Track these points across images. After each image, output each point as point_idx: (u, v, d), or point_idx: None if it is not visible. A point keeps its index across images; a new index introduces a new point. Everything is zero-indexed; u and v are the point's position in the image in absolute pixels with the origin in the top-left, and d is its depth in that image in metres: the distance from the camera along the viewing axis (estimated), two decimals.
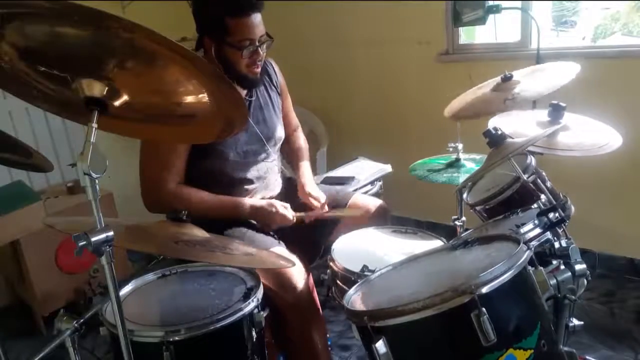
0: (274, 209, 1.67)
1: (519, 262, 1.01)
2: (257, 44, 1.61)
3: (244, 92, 1.76)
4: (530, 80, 1.76)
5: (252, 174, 1.78)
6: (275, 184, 1.89)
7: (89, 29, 0.86)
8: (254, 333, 1.28)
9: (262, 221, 1.72)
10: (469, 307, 0.94)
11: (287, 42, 2.15)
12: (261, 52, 1.64)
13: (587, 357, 1.81)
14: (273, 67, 1.90)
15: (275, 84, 1.89)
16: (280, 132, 1.87)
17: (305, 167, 1.97)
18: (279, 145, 1.89)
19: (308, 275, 1.60)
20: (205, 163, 1.69)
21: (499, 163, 1.37)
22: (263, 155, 1.80)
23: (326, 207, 1.81)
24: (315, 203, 1.80)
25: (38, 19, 0.85)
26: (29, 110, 2.76)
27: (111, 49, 0.90)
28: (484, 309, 0.93)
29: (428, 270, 1.27)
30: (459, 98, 1.91)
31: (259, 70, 1.68)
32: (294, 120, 2.07)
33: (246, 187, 1.77)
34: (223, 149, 1.68)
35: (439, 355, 1.01)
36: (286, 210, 1.69)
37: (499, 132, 1.41)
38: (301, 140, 2.07)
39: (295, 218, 1.71)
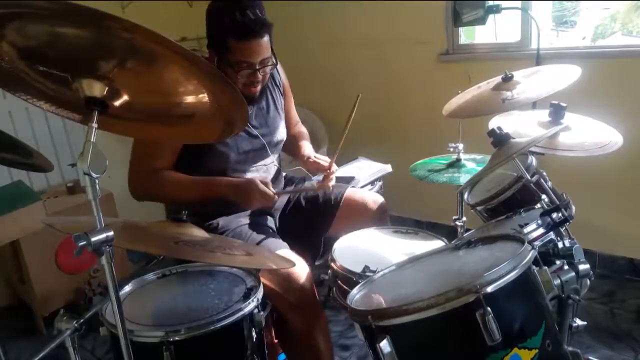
0: (253, 186, 1.59)
1: (523, 262, 1.00)
2: (256, 67, 1.60)
3: None
4: (530, 83, 1.76)
5: (252, 174, 1.77)
6: (276, 185, 1.89)
7: (89, 29, 0.86)
8: (254, 333, 1.28)
9: (241, 200, 1.64)
10: (474, 306, 0.93)
11: (287, 42, 2.15)
12: (259, 76, 1.63)
13: (588, 357, 1.81)
14: (277, 68, 1.89)
15: (278, 84, 1.88)
16: (282, 134, 1.87)
17: (305, 144, 1.97)
18: (280, 146, 1.89)
19: (310, 275, 1.59)
20: (207, 163, 1.68)
21: (504, 162, 1.37)
22: (264, 157, 1.80)
23: (335, 167, 1.80)
24: (323, 163, 1.80)
25: (38, 19, 0.85)
26: (29, 110, 2.75)
27: (111, 49, 0.90)
28: (489, 308, 0.93)
29: (432, 270, 1.26)
30: (458, 97, 1.91)
31: (256, 91, 1.68)
32: (295, 117, 2.07)
33: None
34: (224, 150, 1.68)
35: (443, 355, 1.01)
36: (266, 187, 1.60)
37: (503, 132, 1.41)
38: (301, 128, 2.08)
39: (276, 195, 1.63)
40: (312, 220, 1.87)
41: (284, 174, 2.00)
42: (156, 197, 1.72)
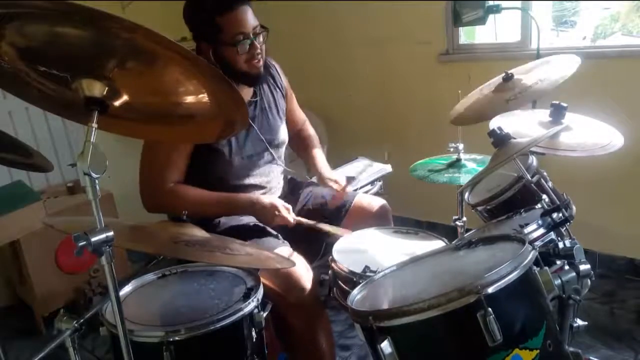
0: (276, 212, 1.65)
1: (524, 262, 1.00)
2: (251, 36, 1.60)
3: (249, 94, 1.76)
4: (531, 76, 1.76)
5: (255, 178, 1.78)
6: (278, 187, 1.89)
7: (89, 29, 0.86)
8: (254, 333, 1.28)
9: (261, 219, 1.71)
10: (475, 307, 0.93)
11: (287, 42, 2.15)
12: (257, 45, 1.63)
13: (589, 357, 1.81)
14: (277, 69, 1.89)
15: (279, 86, 1.88)
16: (283, 136, 1.87)
17: (318, 153, 1.98)
18: (282, 148, 1.89)
19: (311, 274, 1.59)
20: (211, 169, 1.69)
21: (504, 163, 1.37)
22: (267, 159, 1.80)
23: (348, 188, 1.84)
24: (336, 186, 1.83)
25: (38, 19, 0.85)
26: (29, 110, 2.75)
27: (111, 49, 0.90)
28: (490, 309, 0.93)
29: (432, 271, 1.26)
30: (462, 102, 1.91)
31: (260, 64, 1.67)
32: (301, 116, 2.07)
33: (250, 191, 1.77)
34: (229, 156, 1.68)
35: (444, 356, 1.01)
36: (288, 213, 1.66)
37: (504, 132, 1.41)
38: (310, 130, 2.08)
39: (295, 222, 1.69)
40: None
41: (289, 176, 2.00)
42: (173, 212, 1.70)
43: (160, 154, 1.63)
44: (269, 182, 1.82)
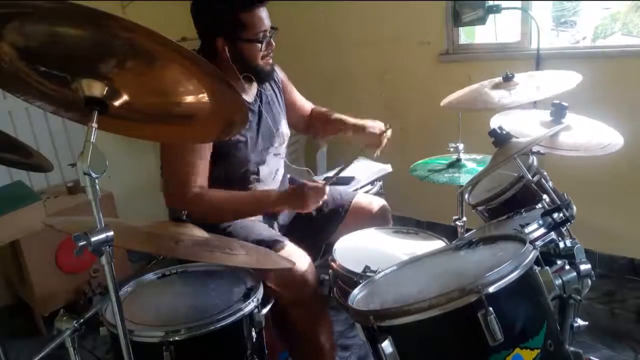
0: (304, 189, 1.57)
1: (525, 262, 1.00)
2: (269, 34, 1.62)
3: (254, 90, 1.76)
4: (529, 86, 1.76)
5: (264, 171, 1.77)
6: (284, 180, 1.90)
7: (89, 29, 0.86)
8: (253, 333, 1.28)
9: (297, 206, 1.62)
10: (475, 306, 0.93)
11: (287, 42, 2.14)
12: (273, 43, 1.65)
13: (589, 357, 1.81)
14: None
15: (277, 81, 1.89)
16: (287, 130, 1.87)
17: (343, 116, 1.98)
18: (286, 141, 1.89)
19: (314, 271, 1.59)
20: (228, 168, 1.68)
21: (505, 162, 1.37)
22: (274, 151, 1.80)
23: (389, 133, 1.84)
24: (377, 132, 1.85)
25: (38, 19, 0.85)
26: (29, 110, 2.75)
27: (111, 49, 0.90)
28: (491, 308, 0.93)
29: (433, 270, 1.26)
30: (458, 92, 1.91)
31: (271, 61, 1.69)
32: (307, 102, 2.07)
33: (257, 183, 1.77)
34: (246, 156, 1.68)
35: (445, 355, 1.01)
36: (317, 183, 1.59)
37: (504, 132, 1.41)
38: (323, 108, 2.08)
39: (325, 185, 1.61)
40: (318, 227, 1.86)
41: (288, 175, 2.00)
42: (202, 218, 1.62)
43: (183, 157, 1.57)
44: (274, 174, 1.83)
